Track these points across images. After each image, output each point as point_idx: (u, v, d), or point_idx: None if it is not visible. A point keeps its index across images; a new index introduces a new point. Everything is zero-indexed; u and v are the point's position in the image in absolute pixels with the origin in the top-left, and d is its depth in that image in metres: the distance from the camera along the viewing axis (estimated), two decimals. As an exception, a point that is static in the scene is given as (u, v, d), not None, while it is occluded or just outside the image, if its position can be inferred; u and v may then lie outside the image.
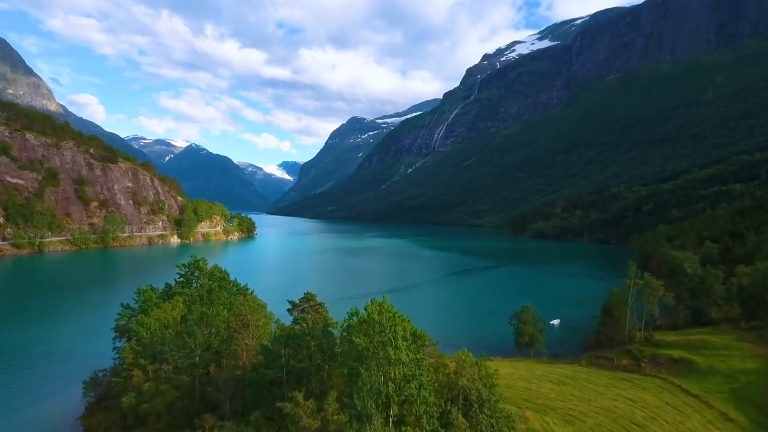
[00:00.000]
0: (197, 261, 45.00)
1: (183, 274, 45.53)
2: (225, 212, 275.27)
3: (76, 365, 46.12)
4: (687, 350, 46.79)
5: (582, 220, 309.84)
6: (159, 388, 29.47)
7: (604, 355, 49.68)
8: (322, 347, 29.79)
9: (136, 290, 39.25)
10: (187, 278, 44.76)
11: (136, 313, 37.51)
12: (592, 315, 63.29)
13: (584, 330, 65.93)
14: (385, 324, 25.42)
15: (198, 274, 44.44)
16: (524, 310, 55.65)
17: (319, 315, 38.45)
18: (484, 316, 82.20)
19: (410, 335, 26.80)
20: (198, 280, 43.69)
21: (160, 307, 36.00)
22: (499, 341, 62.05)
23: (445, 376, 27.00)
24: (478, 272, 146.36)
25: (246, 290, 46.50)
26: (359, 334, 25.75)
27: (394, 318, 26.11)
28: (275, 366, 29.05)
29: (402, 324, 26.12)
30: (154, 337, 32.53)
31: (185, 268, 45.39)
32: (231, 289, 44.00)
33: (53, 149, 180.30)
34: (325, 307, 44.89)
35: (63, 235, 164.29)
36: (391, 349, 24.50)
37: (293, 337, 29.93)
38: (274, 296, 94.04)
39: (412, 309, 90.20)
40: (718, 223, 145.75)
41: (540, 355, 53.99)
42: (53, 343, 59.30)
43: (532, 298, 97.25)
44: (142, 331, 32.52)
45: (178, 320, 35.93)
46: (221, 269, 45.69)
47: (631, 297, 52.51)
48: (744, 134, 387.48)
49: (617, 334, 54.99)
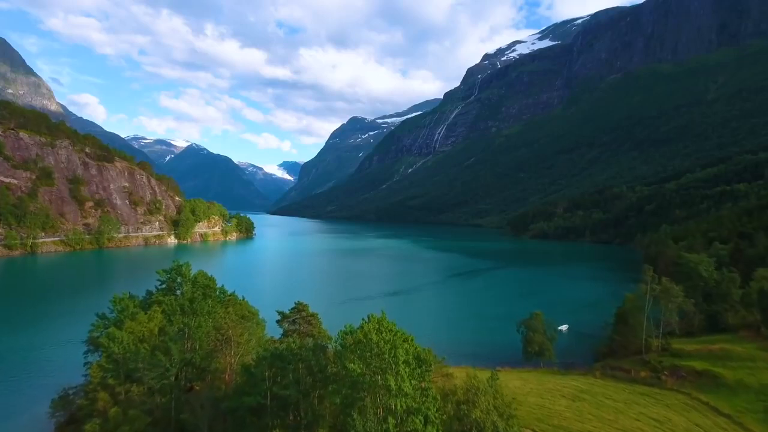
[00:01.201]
0: (179, 266, 41.60)
1: (164, 281, 42.37)
2: (223, 212, 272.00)
3: (53, 378, 42.63)
4: (710, 362, 43.65)
5: (584, 220, 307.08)
6: (127, 413, 25.83)
7: (619, 366, 46.48)
8: (311, 369, 26.27)
9: (112, 298, 35.79)
10: (169, 285, 41.54)
11: (110, 324, 34.17)
12: (604, 321, 60.09)
13: (594, 336, 62.75)
14: (384, 347, 21.49)
15: (180, 281, 41.19)
16: (533, 316, 52.36)
17: (311, 327, 35.39)
18: (488, 321, 78.82)
19: (414, 359, 22.93)
20: (180, 288, 40.43)
21: (134, 319, 32.57)
22: (506, 349, 58.85)
23: (455, 404, 23.62)
24: (480, 274, 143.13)
25: (234, 298, 43.27)
26: (354, 358, 21.91)
27: (395, 338, 22.39)
28: (257, 392, 25.57)
29: (404, 345, 22.44)
30: (126, 353, 29.08)
31: (166, 275, 42.05)
32: (217, 298, 40.69)
33: (48, 148, 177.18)
34: (318, 318, 41.45)
35: (57, 236, 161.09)
36: (392, 376, 20.78)
37: (278, 357, 26.54)
38: (270, 300, 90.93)
39: (414, 314, 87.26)
40: (725, 223, 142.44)
41: (550, 365, 50.75)
42: (31, 352, 55.81)
43: (537, 302, 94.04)
44: (112, 346, 28.90)
45: (155, 333, 32.29)
46: (206, 275, 42.37)
47: (648, 304, 49.29)
48: (747, 134, 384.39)
49: (632, 342, 51.71)
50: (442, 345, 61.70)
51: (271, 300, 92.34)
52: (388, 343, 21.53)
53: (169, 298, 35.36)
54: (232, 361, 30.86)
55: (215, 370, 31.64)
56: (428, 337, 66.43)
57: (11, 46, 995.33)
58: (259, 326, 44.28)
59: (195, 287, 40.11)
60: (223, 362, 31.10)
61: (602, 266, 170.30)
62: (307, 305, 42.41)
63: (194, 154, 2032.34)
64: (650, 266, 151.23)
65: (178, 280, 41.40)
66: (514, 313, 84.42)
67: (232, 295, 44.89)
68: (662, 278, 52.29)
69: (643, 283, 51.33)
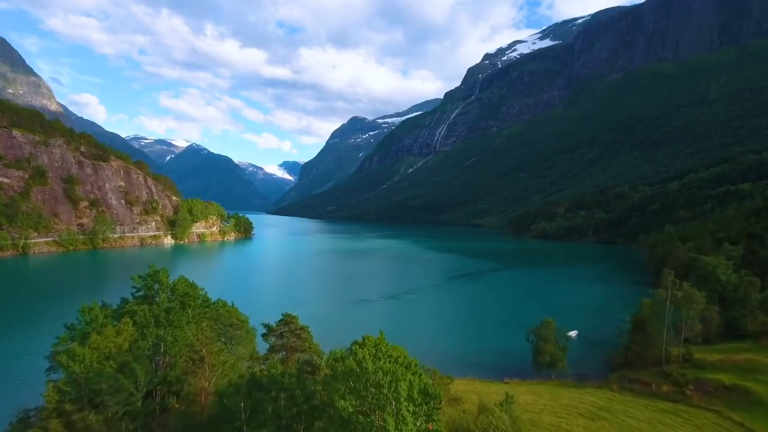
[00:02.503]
0: (156, 272, 38.02)
1: (140, 288, 38.96)
2: (221, 212, 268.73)
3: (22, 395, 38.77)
4: (738, 374, 40.44)
5: (586, 220, 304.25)
6: (83, 445, 22.83)
7: (638, 379, 43.10)
8: (295, 399, 22.13)
9: (81, 307, 32.26)
10: (147, 293, 38.07)
11: (78, 336, 30.73)
12: (617, 328, 56.63)
13: (605, 343, 59.42)
14: (383, 380, 17.36)
15: (158, 288, 37.78)
16: (544, 324, 48.93)
17: (301, 342, 32.16)
18: (493, 326, 75.26)
19: (419, 393, 18.29)
20: (157, 296, 36.94)
21: (101, 333, 29.09)
22: (513, 358, 55.41)
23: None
24: (482, 275, 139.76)
25: (219, 307, 39.80)
26: (345, 392, 17.97)
27: (396, 368, 18.24)
28: (231, 428, 21.89)
29: (407, 376, 18.09)
30: (89, 373, 25.68)
31: (141, 281, 38.59)
32: (199, 307, 37.25)
33: (41, 147, 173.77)
34: (309, 331, 37.86)
35: (50, 236, 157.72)
36: (391, 417, 16.81)
37: (256, 385, 22.85)
38: (266, 303, 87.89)
39: (415, 319, 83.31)
40: (732, 224, 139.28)
41: (563, 376, 47.36)
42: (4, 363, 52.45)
43: (542, 305, 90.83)
44: (72, 365, 25.52)
45: (125, 349, 28.72)
46: (187, 282, 38.83)
47: (669, 311, 45.99)
48: (749, 133, 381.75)
49: (650, 352, 48.34)
50: (445, 353, 58.52)
51: (267, 303, 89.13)
52: (388, 374, 17.55)
53: (143, 308, 31.93)
54: (206, 385, 27.35)
55: (188, 393, 28.25)
56: (430, 344, 63.27)
57: (11, 46, 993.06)
58: (249, 335, 41.02)
59: (174, 295, 36.68)
60: (196, 385, 27.64)
61: (606, 267, 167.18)
62: (297, 317, 38.69)
63: (194, 154, 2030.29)
64: (652, 267, 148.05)
65: (155, 287, 37.97)
66: (520, 317, 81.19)
67: (216, 304, 41.27)
68: (683, 283, 48.94)
69: (663, 288, 47.93)
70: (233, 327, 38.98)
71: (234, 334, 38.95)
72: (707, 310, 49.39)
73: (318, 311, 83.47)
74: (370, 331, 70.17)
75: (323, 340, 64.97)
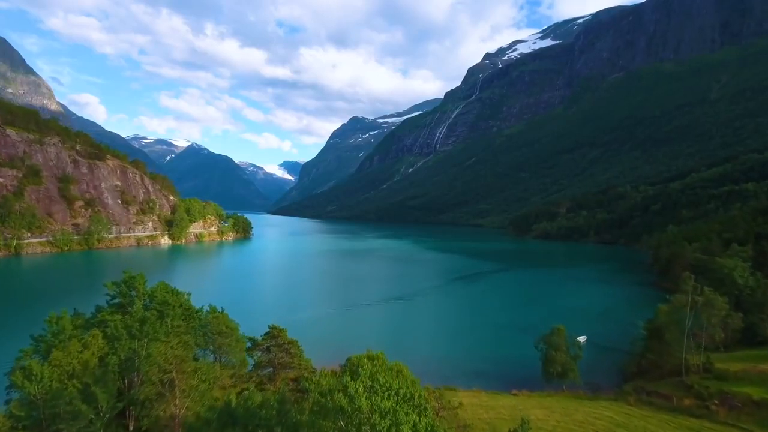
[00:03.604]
0: (131, 278, 35.01)
1: (114, 296, 35.87)
2: (220, 212, 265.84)
3: None
4: (766, 387, 37.72)
5: (588, 220, 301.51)
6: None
7: (656, 391, 40.19)
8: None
9: (48, 317, 29.21)
10: (122, 301, 34.96)
11: (43, 350, 27.71)
12: (630, 334, 53.82)
13: (616, 349, 56.61)
14: (381, 425, 13.71)
15: (135, 295, 34.80)
16: (554, 332, 45.94)
17: (290, 358, 29.36)
18: (497, 331, 72.05)
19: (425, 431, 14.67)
20: (133, 305, 33.84)
21: (63, 348, 25.95)
22: (520, 366, 52.36)
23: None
24: (484, 277, 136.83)
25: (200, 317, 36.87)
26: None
27: (397, 406, 14.68)
28: None
29: (411, 417, 14.33)
30: (47, 395, 22.70)
31: (116, 288, 35.58)
32: (179, 317, 34.27)
33: (36, 145, 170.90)
34: (298, 345, 34.80)
35: (43, 236, 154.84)
36: None
37: (230, 417, 19.53)
38: (259, 308, 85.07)
39: (416, 323, 79.68)
40: (739, 224, 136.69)
41: (574, 387, 44.56)
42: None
43: (548, 309, 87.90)
44: (28, 386, 22.43)
45: (92, 365, 25.20)
46: (167, 288, 35.93)
47: (689, 318, 43.08)
48: (751, 133, 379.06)
49: (667, 361, 45.50)
50: (448, 361, 55.69)
51: (262, 307, 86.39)
52: (387, 416, 13.87)
53: (115, 319, 29.02)
54: (177, 411, 24.29)
55: (157, 419, 25.19)
56: (432, 351, 60.49)
57: (11, 46, 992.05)
58: (239, 343, 38.27)
59: (152, 303, 33.77)
60: (167, 412, 24.60)
61: (609, 268, 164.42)
62: (285, 330, 35.52)
63: (195, 153, 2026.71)
64: (657, 268, 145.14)
65: (132, 294, 35.05)
66: (524, 321, 78.43)
67: (199, 311, 38.42)
68: (703, 288, 46.07)
69: (683, 293, 44.97)
70: (221, 335, 36.30)
71: (222, 342, 36.30)
72: (729, 317, 46.48)
73: (315, 315, 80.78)
74: (369, 337, 67.22)
75: (320, 347, 62.38)
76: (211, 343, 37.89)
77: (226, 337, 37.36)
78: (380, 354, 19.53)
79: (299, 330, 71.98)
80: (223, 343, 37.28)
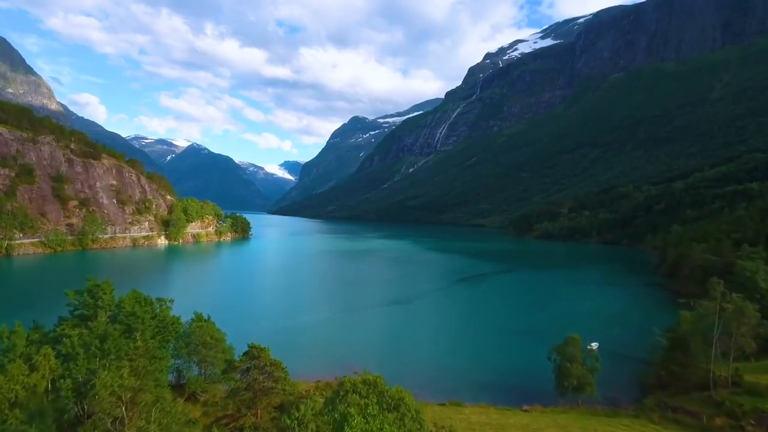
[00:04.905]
0: (96, 286, 31.38)
1: (77, 307, 32.14)
2: (218, 212, 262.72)
3: None
4: (802, 403, 34.55)
5: (590, 220, 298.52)
6: None
7: (682, 407, 36.91)
8: None
9: None
10: (86, 313, 31.10)
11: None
12: (649, 343, 50.31)
13: (630, 357, 53.31)
14: None
15: (101, 306, 31.10)
16: (569, 341, 42.46)
17: (273, 382, 25.98)
18: (503, 338, 68.16)
19: None
20: (96, 317, 30.19)
21: (4, 371, 22.41)
22: (530, 377, 48.82)
23: None
24: (487, 278, 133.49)
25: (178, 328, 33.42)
26: None
27: None
28: None
29: None
30: None
31: (77, 298, 31.88)
32: (152, 330, 30.77)
33: (29, 144, 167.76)
34: (283, 368, 30.95)
35: (36, 237, 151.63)
36: None
37: None
38: (253, 313, 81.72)
39: (418, 329, 75.48)
40: (747, 224, 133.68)
41: (591, 402, 41.34)
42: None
43: (555, 313, 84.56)
44: None
45: (41, 391, 21.70)
46: (139, 296, 32.13)
47: (718, 327, 39.79)
48: (753, 132, 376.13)
49: (692, 374, 42.25)
50: (453, 372, 52.31)
51: (255, 313, 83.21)
52: None
53: (72, 334, 25.51)
54: None
55: None
56: (435, 360, 57.17)
57: (11, 46, 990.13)
58: (225, 354, 35.17)
59: (120, 315, 30.23)
60: None
61: (614, 269, 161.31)
62: (267, 349, 31.39)
63: (195, 153, 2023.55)
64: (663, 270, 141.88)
65: (97, 304, 31.50)
66: (531, 326, 75.23)
67: (175, 319, 34.95)
68: (732, 294, 42.70)
69: (711, 300, 41.53)
70: (206, 346, 33.20)
71: (206, 354, 33.23)
72: (761, 326, 43.08)
73: (312, 320, 77.65)
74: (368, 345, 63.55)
75: (316, 355, 59.34)
76: (195, 354, 34.87)
77: (210, 349, 34.34)
78: (378, 379, 16.51)
79: (295, 335, 68.98)
80: (208, 354, 34.27)
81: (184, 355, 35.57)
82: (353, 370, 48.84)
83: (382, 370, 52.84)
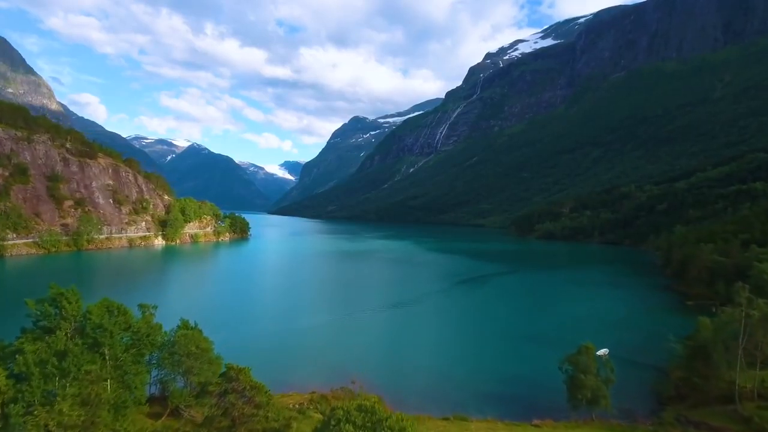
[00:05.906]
0: (59, 294, 28.25)
1: (39, 318, 29.00)
2: (216, 212, 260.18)
3: None
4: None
5: (592, 220, 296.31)
6: None
7: (705, 422, 34.48)
8: None
9: None
10: (50, 324, 27.95)
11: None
12: (658, 347, 48.01)
13: (643, 365, 50.51)
14: None
15: (65, 316, 27.98)
16: (582, 351, 39.74)
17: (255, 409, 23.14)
18: (509, 344, 64.64)
19: None
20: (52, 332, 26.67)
21: None
22: (539, 388, 45.96)
23: None
24: (489, 280, 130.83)
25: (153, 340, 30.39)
26: None
27: None
28: None
29: None
30: None
31: (39, 308, 28.72)
32: (122, 345, 27.75)
33: (23, 143, 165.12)
34: (266, 392, 27.38)
35: (30, 237, 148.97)
36: None
37: None
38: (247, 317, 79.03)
39: (419, 335, 71.59)
40: (754, 224, 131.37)
41: (605, 415, 38.70)
42: None
43: (560, 317, 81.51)
44: None
45: None
46: (110, 305, 29.22)
47: (743, 336, 37.21)
48: (755, 132, 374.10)
49: (714, 385, 39.68)
50: (456, 380, 49.58)
51: (250, 317, 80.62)
52: None
53: (30, 349, 22.67)
54: None
55: None
56: (438, 367, 54.30)
57: (11, 45, 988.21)
58: (212, 365, 32.65)
59: (87, 328, 27.21)
60: None
61: (617, 270, 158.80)
62: (248, 369, 27.81)
63: (195, 153, 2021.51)
64: (668, 270, 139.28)
65: (60, 315, 28.50)
66: (537, 331, 72.47)
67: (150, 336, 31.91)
68: (759, 300, 40.04)
69: (736, 306, 38.88)
70: (191, 357, 30.71)
71: (192, 365, 30.74)
72: (786, 334, 40.45)
73: (310, 324, 75.03)
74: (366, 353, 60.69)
75: (313, 363, 56.63)
76: (179, 366, 32.38)
77: (196, 359, 31.90)
78: (376, 405, 14.03)
79: (291, 340, 66.43)
80: (193, 365, 31.80)
81: (168, 366, 33.13)
82: (350, 379, 46.33)
83: (381, 379, 50.43)
